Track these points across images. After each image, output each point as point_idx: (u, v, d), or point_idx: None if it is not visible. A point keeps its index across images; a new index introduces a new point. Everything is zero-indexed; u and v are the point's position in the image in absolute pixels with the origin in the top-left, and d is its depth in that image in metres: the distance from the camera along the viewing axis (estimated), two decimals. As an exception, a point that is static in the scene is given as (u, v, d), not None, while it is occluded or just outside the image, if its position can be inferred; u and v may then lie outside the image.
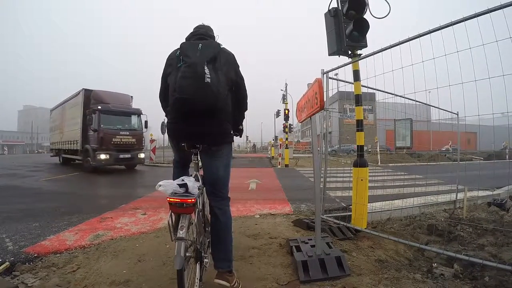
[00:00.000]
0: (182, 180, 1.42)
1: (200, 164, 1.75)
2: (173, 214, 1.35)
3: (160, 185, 1.33)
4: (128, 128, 10.27)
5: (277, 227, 3.10)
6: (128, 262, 2.19)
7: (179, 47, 1.67)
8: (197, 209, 1.47)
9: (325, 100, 1.93)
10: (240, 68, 1.80)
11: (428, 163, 8.76)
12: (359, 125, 2.89)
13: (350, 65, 2.92)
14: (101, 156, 9.25)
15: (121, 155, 9.83)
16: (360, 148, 2.89)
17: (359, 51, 2.94)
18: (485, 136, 3.00)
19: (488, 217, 3.54)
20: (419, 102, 3.65)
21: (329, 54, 3.07)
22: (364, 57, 2.81)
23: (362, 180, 2.81)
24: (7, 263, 2.15)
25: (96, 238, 2.81)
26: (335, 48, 2.97)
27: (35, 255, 2.38)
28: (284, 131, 15.23)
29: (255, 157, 21.68)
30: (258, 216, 3.67)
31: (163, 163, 13.61)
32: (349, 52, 2.97)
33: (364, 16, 2.77)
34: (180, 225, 1.31)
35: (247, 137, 42.60)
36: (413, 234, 2.90)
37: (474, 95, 2.12)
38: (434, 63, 2.22)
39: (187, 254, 1.33)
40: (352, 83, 2.98)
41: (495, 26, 1.87)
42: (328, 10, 2.97)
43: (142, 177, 9.12)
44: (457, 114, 4.04)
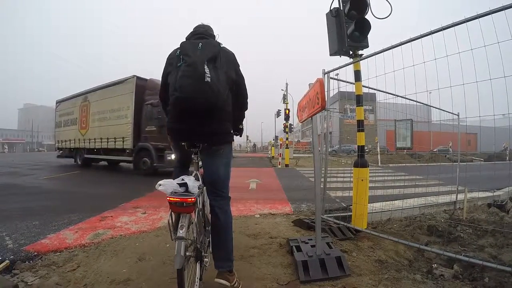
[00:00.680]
0: (182, 180, 1.42)
1: (200, 164, 1.74)
2: (173, 213, 1.35)
3: (160, 184, 1.33)
4: None
5: (277, 227, 3.10)
6: (128, 261, 2.19)
7: (179, 46, 1.66)
8: (197, 209, 1.47)
9: (326, 100, 1.93)
10: (240, 67, 1.79)
11: (428, 164, 8.76)
12: (360, 126, 2.89)
13: (351, 65, 2.92)
14: (173, 157, 8.20)
15: None
16: (361, 149, 2.89)
17: (361, 52, 2.94)
18: (486, 137, 3.00)
19: (488, 218, 3.53)
20: (420, 103, 3.65)
21: (331, 54, 3.07)
22: (366, 58, 2.81)
23: (363, 181, 2.81)
24: (7, 262, 2.15)
25: (96, 237, 2.81)
26: (336, 48, 2.97)
27: (35, 254, 2.38)
28: (285, 131, 15.23)
29: (255, 157, 21.69)
30: (258, 216, 3.67)
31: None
32: (351, 53, 2.97)
33: (366, 17, 2.76)
34: (180, 225, 1.31)
35: (247, 137, 42.57)
36: (413, 235, 2.90)
37: (475, 97, 2.12)
38: (436, 64, 2.22)
39: (187, 254, 1.33)
40: (353, 83, 2.97)
41: (497, 27, 1.87)
42: (330, 10, 2.96)
43: (142, 176, 9.11)
44: (458, 115, 4.04)
